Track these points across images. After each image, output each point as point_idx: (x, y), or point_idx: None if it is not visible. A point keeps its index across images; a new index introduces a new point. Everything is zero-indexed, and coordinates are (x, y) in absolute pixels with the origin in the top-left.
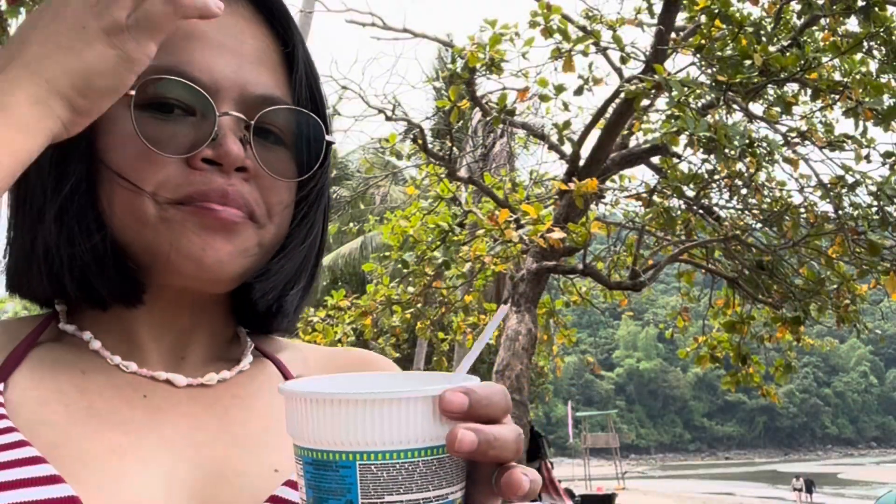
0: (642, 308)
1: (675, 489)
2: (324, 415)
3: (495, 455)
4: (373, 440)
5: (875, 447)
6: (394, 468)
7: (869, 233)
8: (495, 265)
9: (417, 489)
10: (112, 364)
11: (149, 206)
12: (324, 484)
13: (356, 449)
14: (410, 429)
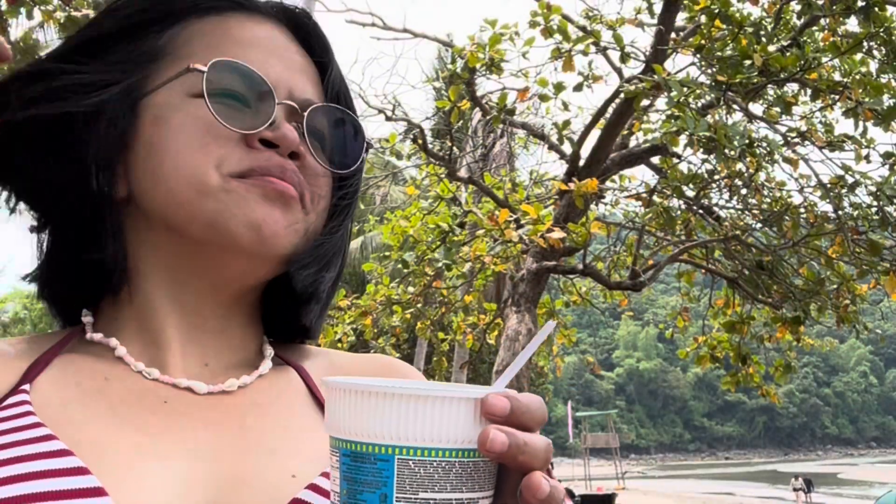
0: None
1: (675, 489)
2: (366, 407)
3: (524, 461)
4: (413, 435)
5: (875, 447)
6: (431, 465)
7: (869, 233)
8: (495, 265)
9: (451, 489)
10: (136, 371)
11: (212, 177)
12: (360, 476)
13: (396, 443)
14: (451, 428)
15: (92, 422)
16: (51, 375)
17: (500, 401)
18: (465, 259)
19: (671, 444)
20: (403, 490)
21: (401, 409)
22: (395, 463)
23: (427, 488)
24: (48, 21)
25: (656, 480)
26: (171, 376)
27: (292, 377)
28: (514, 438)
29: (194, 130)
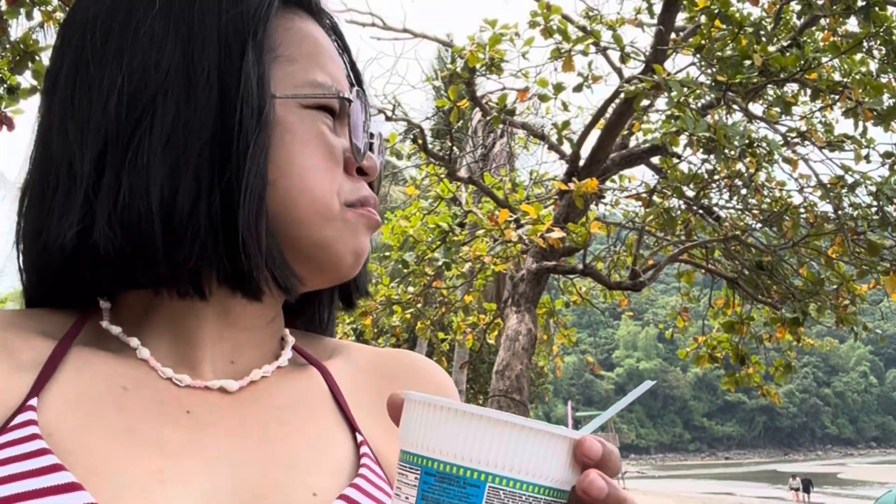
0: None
1: (675, 489)
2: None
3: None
4: (511, 465)
5: (875, 447)
6: (521, 499)
7: (869, 233)
8: (495, 265)
9: None
10: (164, 378)
11: (335, 205)
12: (444, 498)
13: (491, 470)
14: (547, 464)
15: (108, 445)
16: (63, 384)
17: (597, 445)
18: (465, 259)
19: (671, 444)
20: None
21: (502, 435)
22: (486, 490)
23: None
24: (48, 21)
25: (656, 480)
26: (202, 379)
27: (313, 376)
28: (612, 488)
29: (318, 150)
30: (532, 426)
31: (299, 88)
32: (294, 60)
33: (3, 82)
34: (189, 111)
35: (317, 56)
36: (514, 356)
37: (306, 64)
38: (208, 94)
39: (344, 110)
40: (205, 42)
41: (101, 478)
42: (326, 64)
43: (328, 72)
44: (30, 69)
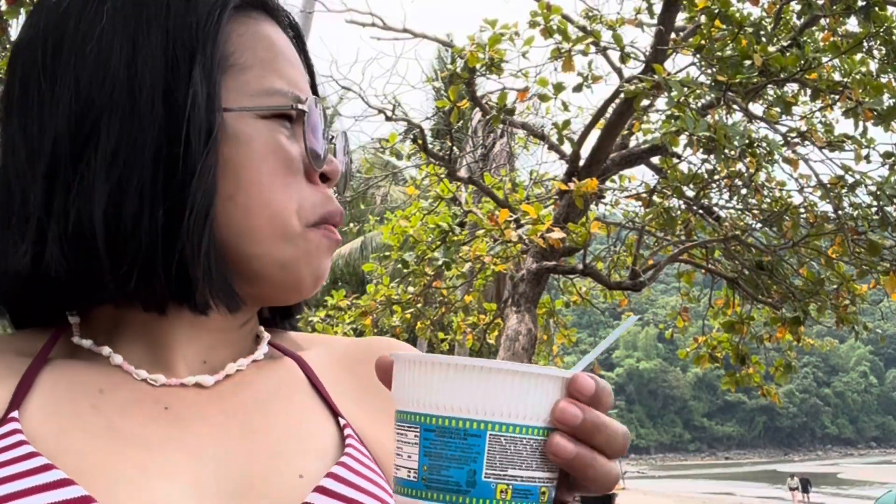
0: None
1: (675, 489)
2: (457, 381)
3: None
4: (508, 411)
5: (875, 447)
6: (521, 443)
7: (869, 233)
8: (495, 265)
9: (537, 467)
10: (138, 379)
11: (295, 224)
12: (447, 451)
13: (489, 419)
14: (544, 406)
15: (91, 445)
16: (40, 396)
17: (589, 381)
18: (465, 259)
19: (671, 444)
20: (493, 466)
21: (497, 383)
22: (487, 438)
23: (516, 466)
24: None
25: (656, 480)
26: (177, 377)
27: (290, 367)
28: (590, 414)
29: (277, 163)
30: (526, 371)
31: (255, 98)
32: (248, 68)
33: (3, 82)
34: (134, 129)
35: (272, 61)
36: (514, 356)
37: (261, 70)
38: (153, 112)
39: (301, 116)
40: (150, 56)
41: (89, 475)
42: (283, 67)
43: (285, 76)
44: None
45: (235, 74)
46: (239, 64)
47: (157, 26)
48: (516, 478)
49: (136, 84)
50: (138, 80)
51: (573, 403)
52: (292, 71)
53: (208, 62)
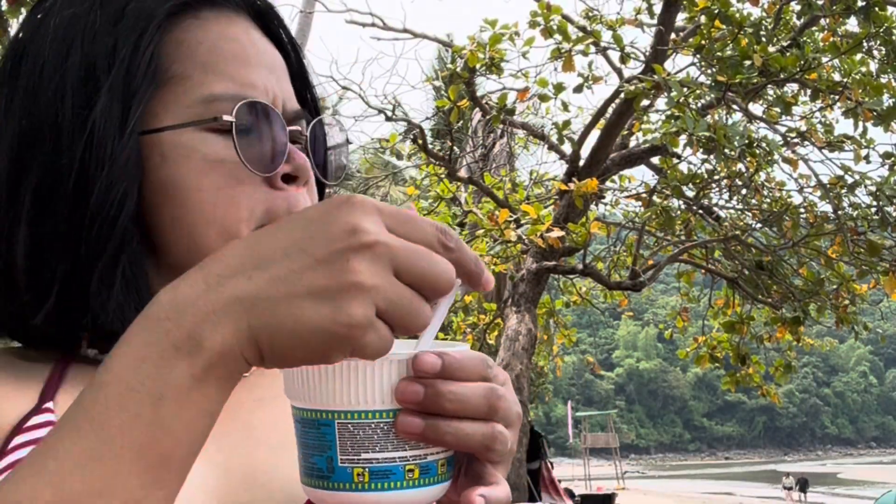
0: (642, 308)
1: (675, 489)
2: (309, 376)
3: (453, 410)
4: (349, 400)
5: (875, 447)
6: (370, 427)
7: (868, 233)
8: (495, 265)
9: (393, 448)
10: None
11: (244, 232)
12: (309, 441)
13: (335, 408)
14: (386, 389)
15: None
16: (72, 388)
17: (431, 358)
18: None
19: (671, 444)
20: (346, 452)
21: (336, 375)
22: (335, 427)
23: (368, 449)
24: None
25: (656, 480)
26: None
27: None
28: (433, 388)
29: (219, 176)
30: (361, 360)
31: (191, 108)
32: (186, 77)
33: None
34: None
35: (215, 63)
36: (514, 356)
37: (201, 76)
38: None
39: (253, 114)
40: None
41: None
42: (229, 68)
43: (232, 76)
44: None
45: (173, 87)
46: (177, 75)
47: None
48: (371, 460)
49: (59, 115)
50: (62, 110)
51: (413, 381)
52: (243, 70)
53: (119, 84)
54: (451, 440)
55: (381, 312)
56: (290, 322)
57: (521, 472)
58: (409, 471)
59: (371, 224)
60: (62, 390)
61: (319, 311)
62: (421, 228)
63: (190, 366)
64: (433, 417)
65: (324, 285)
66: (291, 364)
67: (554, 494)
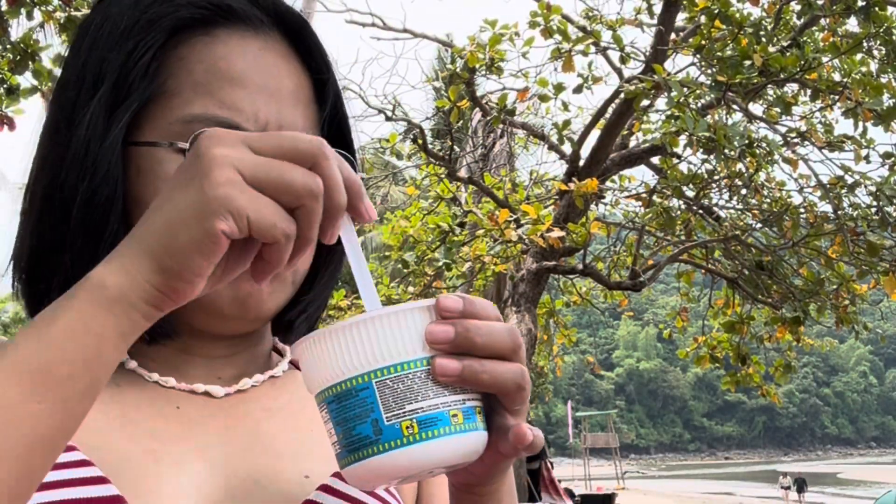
0: (642, 308)
1: (675, 489)
2: (333, 347)
3: (483, 344)
4: (382, 356)
5: (875, 447)
6: (408, 378)
7: (868, 233)
8: (495, 265)
9: (434, 395)
10: (150, 381)
11: None
12: (349, 413)
13: (369, 369)
14: (415, 337)
15: (107, 430)
16: None
17: (453, 299)
18: (465, 259)
19: (671, 444)
20: (390, 409)
21: (363, 335)
22: (374, 387)
23: (411, 400)
24: (48, 21)
25: (656, 480)
26: (187, 383)
27: (299, 378)
28: (460, 326)
29: None
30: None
31: (171, 126)
32: (177, 94)
33: (4, 82)
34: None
35: (206, 83)
36: None
37: (190, 95)
38: (72, 154)
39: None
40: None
41: (102, 454)
42: (218, 89)
43: (219, 97)
44: (30, 69)
45: (162, 102)
46: (169, 91)
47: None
48: (416, 411)
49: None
50: (74, 125)
51: (441, 323)
52: (233, 93)
53: (107, 94)
54: (487, 379)
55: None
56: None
57: (521, 472)
58: (453, 416)
59: (225, 144)
60: None
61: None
62: (287, 140)
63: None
64: (468, 358)
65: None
66: (193, 271)
67: (554, 494)
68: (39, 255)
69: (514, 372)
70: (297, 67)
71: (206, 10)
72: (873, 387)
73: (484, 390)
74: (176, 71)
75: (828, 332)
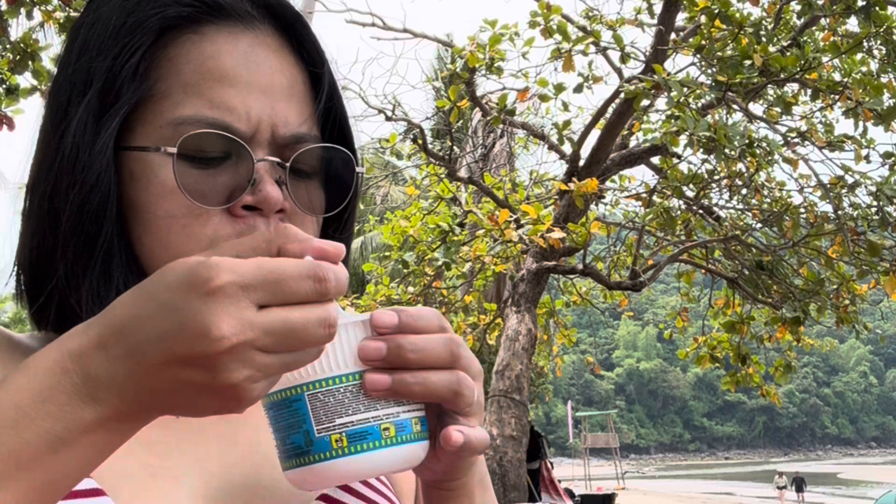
0: (642, 308)
1: (675, 489)
2: None
3: (417, 359)
4: (315, 370)
5: (875, 447)
6: (339, 392)
7: (868, 233)
8: (495, 265)
9: (365, 409)
10: None
11: None
12: (284, 422)
13: (302, 381)
14: (347, 352)
15: None
16: None
17: (387, 315)
18: (465, 259)
19: (671, 444)
20: (321, 422)
21: None
22: (306, 399)
23: (341, 414)
24: (48, 21)
25: (656, 480)
26: None
27: None
28: (392, 342)
29: (172, 205)
30: None
31: (162, 129)
32: (167, 96)
33: (3, 82)
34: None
35: (196, 84)
36: (514, 356)
37: (180, 96)
38: (64, 159)
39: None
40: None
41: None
42: (208, 89)
43: (209, 97)
44: (30, 69)
45: (153, 105)
46: (159, 93)
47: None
48: (346, 425)
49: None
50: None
51: (374, 339)
52: (224, 92)
53: (95, 98)
54: (419, 390)
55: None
56: (185, 408)
57: (521, 472)
58: (384, 429)
59: (227, 323)
60: None
61: (209, 403)
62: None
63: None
64: (399, 372)
65: (200, 383)
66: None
67: (554, 494)
68: (39, 258)
69: (448, 380)
70: (290, 62)
71: (194, 8)
72: (873, 387)
73: (419, 400)
74: (165, 72)
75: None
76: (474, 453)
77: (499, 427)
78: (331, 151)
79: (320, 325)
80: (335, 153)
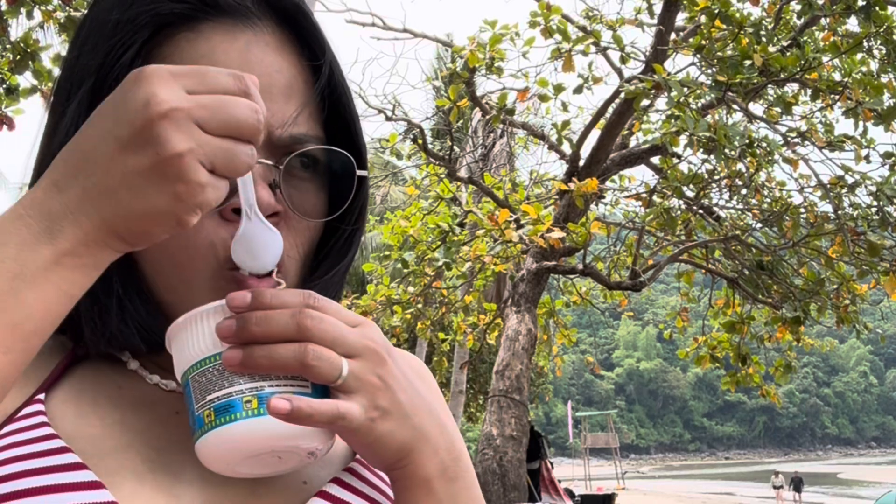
0: (642, 308)
1: (675, 489)
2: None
3: (260, 332)
4: (190, 356)
5: (875, 447)
6: (209, 372)
7: (869, 233)
8: (495, 265)
9: (229, 385)
10: (151, 383)
11: (201, 269)
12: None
13: (185, 367)
14: (209, 336)
15: (106, 434)
16: (66, 385)
17: (241, 295)
18: (465, 259)
19: (671, 444)
20: (198, 401)
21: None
22: (190, 383)
23: (210, 391)
24: (48, 21)
25: (656, 480)
26: None
27: None
28: (240, 319)
29: None
30: (183, 318)
31: None
32: None
33: (3, 82)
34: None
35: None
36: (514, 356)
37: None
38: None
39: None
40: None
41: (100, 460)
42: None
43: None
44: (30, 69)
45: None
46: None
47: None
48: (213, 400)
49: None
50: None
51: (227, 319)
52: None
53: (85, 99)
54: (265, 363)
55: (206, 167)
56: (137, 207)
57: (521, 472)
58: (246, 402)
59: (164, 91)
60: (58, 383)
61: (159, 190)
62: (214, 79)
63: (51, 251)
64: (251, 347)
65: (147, 165)
66: (150, 239)
67: (554, 494)
68: None
69: (292, 351)
70: (291, 60)
71: (189, 5)
72: (873, 387)
73: (268, 371)
74: None
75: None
76: (321, 425)
77: (499, 427)
78: (330, 153)
79: (249, 108)
80: (335, 155)
